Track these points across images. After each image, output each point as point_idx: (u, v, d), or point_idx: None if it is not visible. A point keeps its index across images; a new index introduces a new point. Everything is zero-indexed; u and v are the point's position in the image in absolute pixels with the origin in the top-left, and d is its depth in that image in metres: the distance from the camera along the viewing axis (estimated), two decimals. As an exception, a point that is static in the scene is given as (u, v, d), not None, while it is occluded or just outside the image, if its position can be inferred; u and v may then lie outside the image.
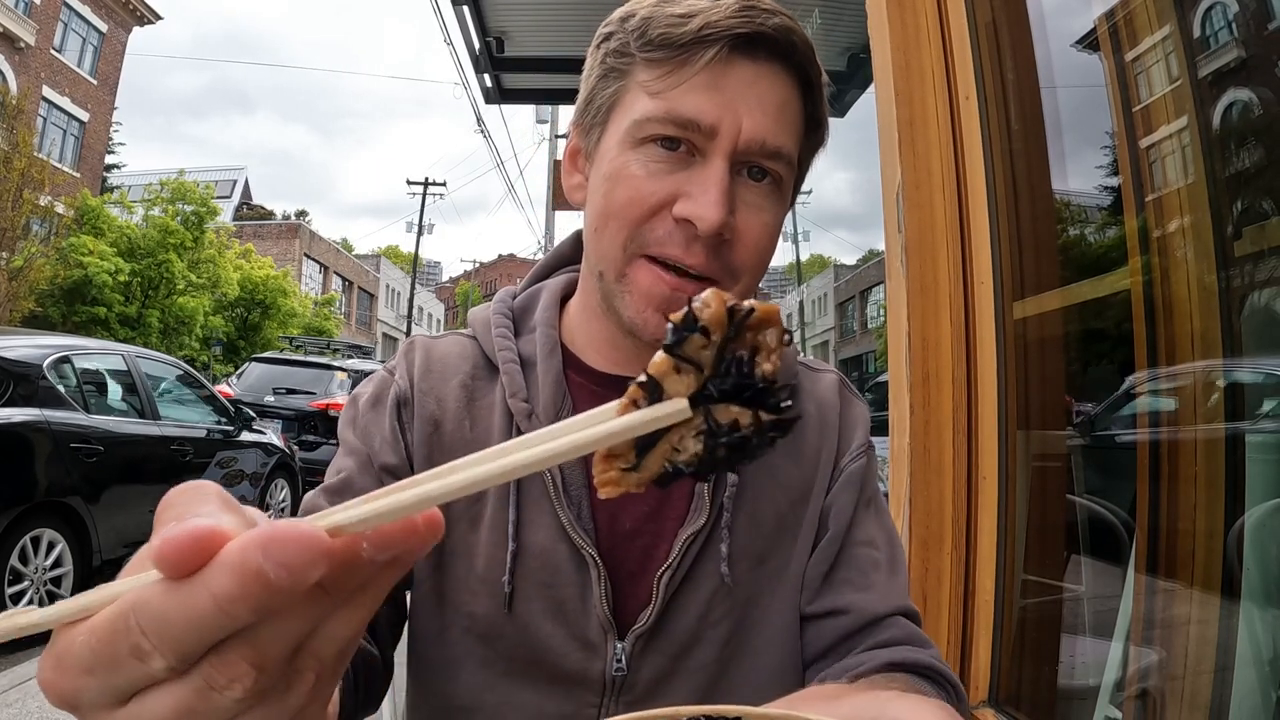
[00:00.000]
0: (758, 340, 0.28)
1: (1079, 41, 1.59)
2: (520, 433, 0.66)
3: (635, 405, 0.27)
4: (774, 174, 0.63)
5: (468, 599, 0.67)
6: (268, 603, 0.24)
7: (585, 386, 0.71)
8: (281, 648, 0.26)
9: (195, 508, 0.27)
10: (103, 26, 22.33)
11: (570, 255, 0.79)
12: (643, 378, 0.27)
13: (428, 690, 0.70)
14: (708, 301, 0.27)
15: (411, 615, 0.70)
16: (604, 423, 0.27)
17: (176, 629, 0.25)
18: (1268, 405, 1.26)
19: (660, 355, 0.27)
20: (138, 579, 0.26)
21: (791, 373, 0.75)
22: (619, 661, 0.65)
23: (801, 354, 0.82)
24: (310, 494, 0.70)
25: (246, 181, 41.55)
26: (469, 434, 0.69)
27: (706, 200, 0.59)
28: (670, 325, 0.27)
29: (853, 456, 0.74)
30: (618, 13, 0.65)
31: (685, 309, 0.28)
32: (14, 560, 3.79)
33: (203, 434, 5.57)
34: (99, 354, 4.99)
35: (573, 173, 0.70)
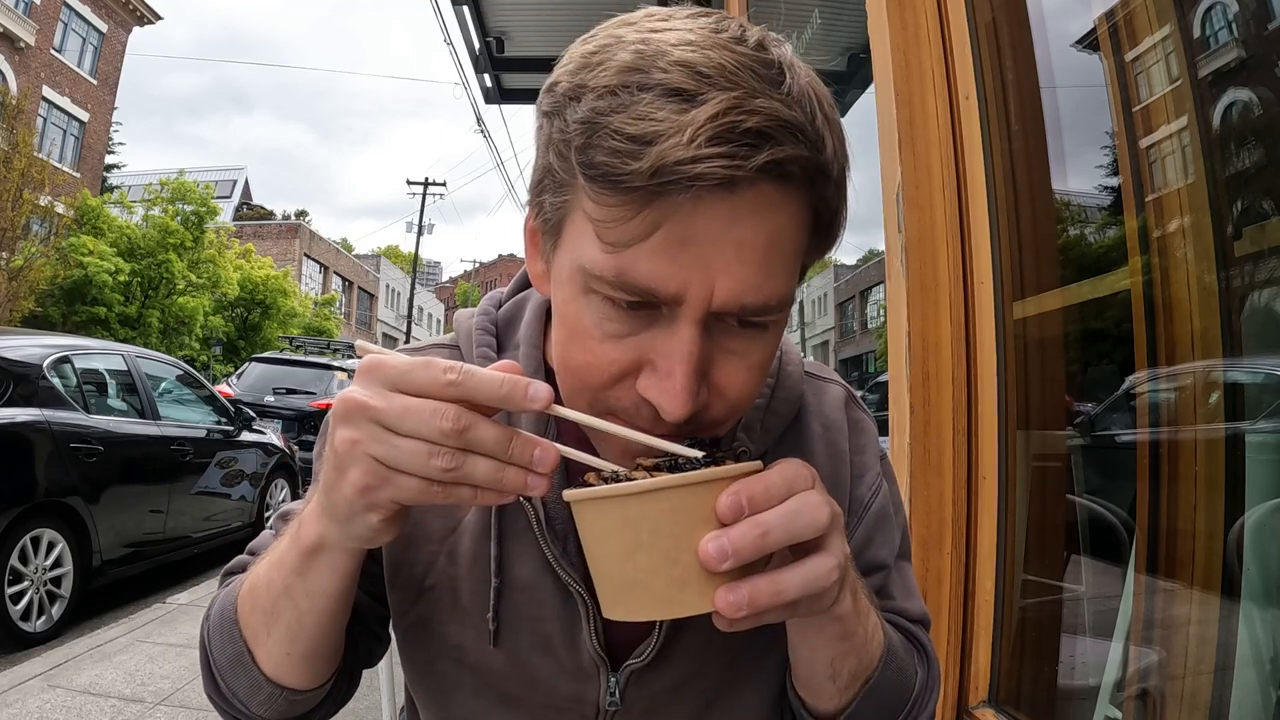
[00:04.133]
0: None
1: (1079, 41, 1.59)
2: None
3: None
4: (759, 324, 0.52)
5: (454, 631, 0.65)
6: (512, 396, 0.46)
7: None
8: (471, 437, 0.45)
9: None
10: (103, 26, 22.33)
11: None
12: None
13: (425, 715, 0.70)
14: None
15: (400, 644, 0.69)
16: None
17: (476, 375, 0.45)
18: (1268, 405, 1.26)
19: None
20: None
21: (796, 395, 0.71)
22: (613, 695, 0.64)
23: (807, 357, 0.79)
24: (266, 531, 0.72)
25: (246, 181, 41.55)
26: None
27: (671, 388, 0.49)
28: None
29: (873, 490, 0.72)
30: (564, 75, 0.50)
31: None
32: (14, 560, 3.79)
33: (203, 434, 5.57)
34: (99, 354, 4.99)
35: (535, 258, 0.59)
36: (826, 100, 0.49)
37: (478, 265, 76.74)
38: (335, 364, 9.83)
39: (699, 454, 0.48)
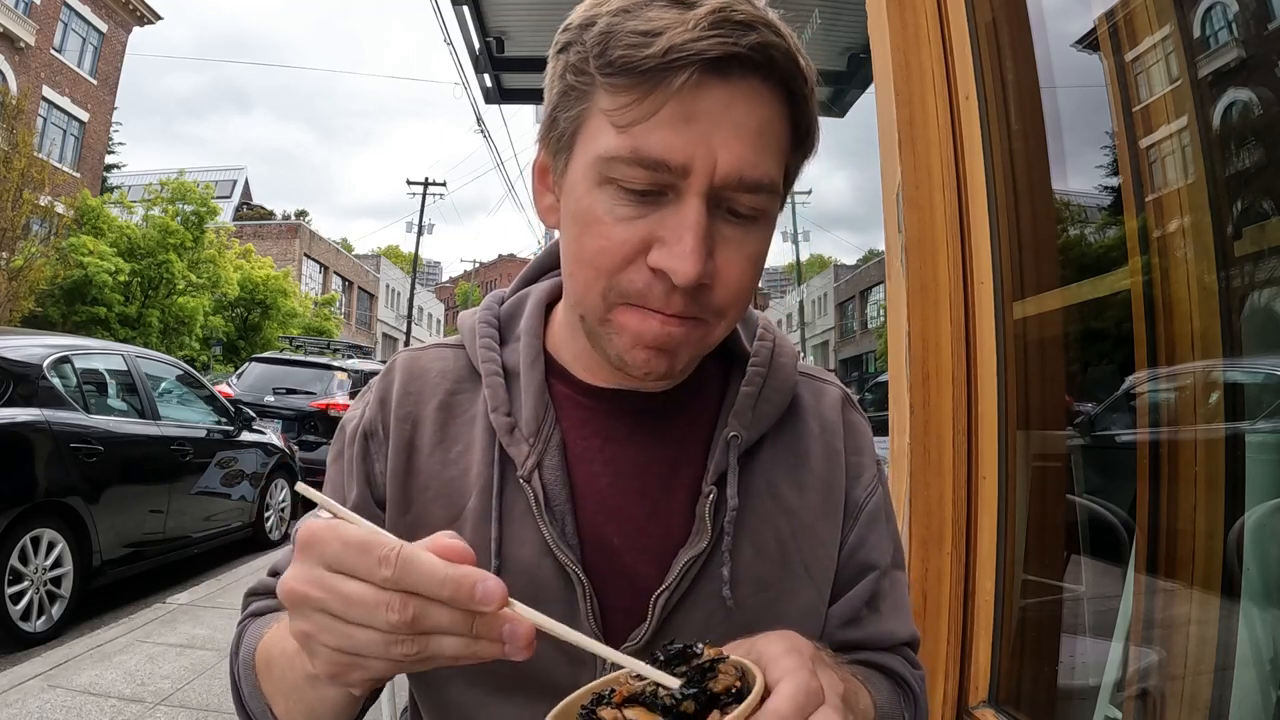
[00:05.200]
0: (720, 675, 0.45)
1: (1079, 41, 1.59)
2: (502, 449, 0.66)
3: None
4: (755, 210, 0.58)
5: None
6: (455, 598, 0.41)
7: (570, 398, 0.69)
8: (425, 625, 0.41)
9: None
10: (103, 26, 22.32)
11: (560, 257, 0.77)
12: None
13: (423, 704, 0.70)
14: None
15: None
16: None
17: (415, 570, 0.41)
18: (1268, 405, 1.26)
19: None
20: (415, 546, 0.42)
21: (788, 386, 0.73)
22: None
23: (804, 356, 0.80)
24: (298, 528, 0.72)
25: (246, 181, 41.54)
26: (446, 457, 0.68)
27: (682, 251, 0.55)
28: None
29: (868, 491, 0.73)
30: (577, 14, 0.59)
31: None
32: (14, 560, 3.79)
33: (203, 434, 5.56)
34: (99, 354, 4.98)
35: (544, 192, 0.66)
36: (796, 38, 0.58)
37: (478, 265, 76.80)
38: (335, 364, 9.82)
39: (677, 684, 0.44)
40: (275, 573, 0.72)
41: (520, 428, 0.67)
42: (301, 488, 0.49)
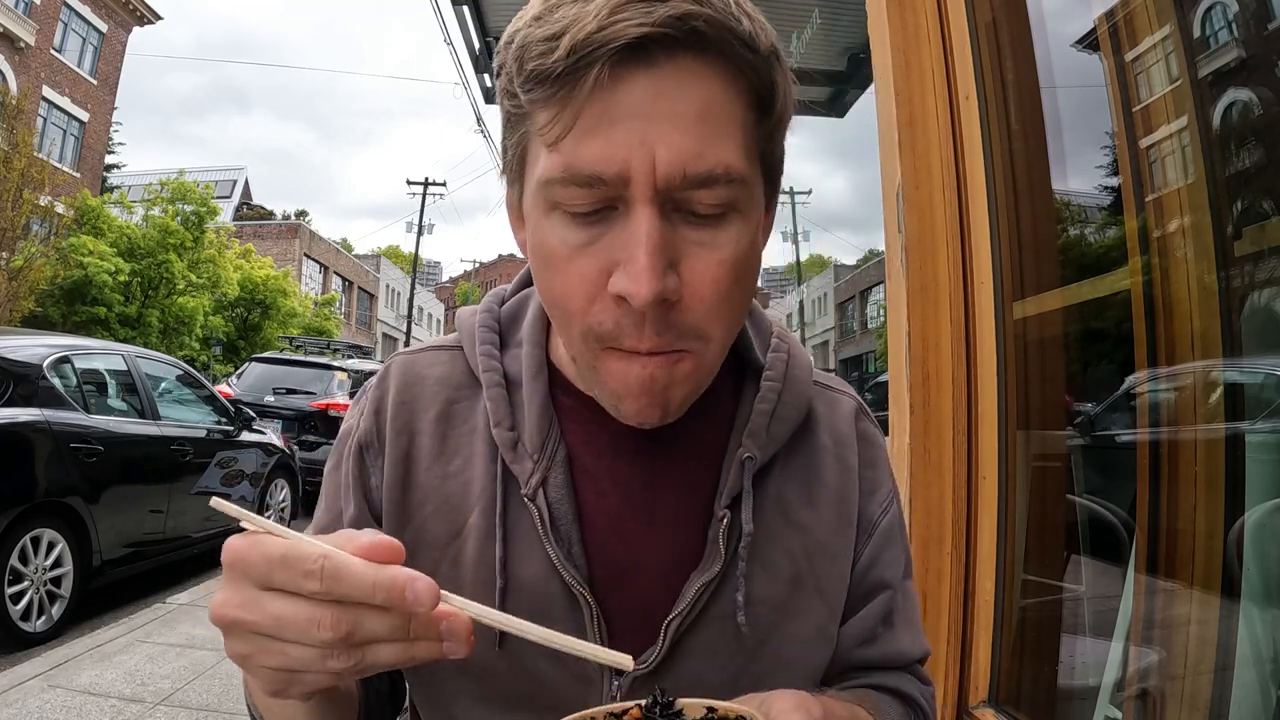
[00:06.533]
0: None
1: (1079, 41, 1.59)
2: (504, 464, 0.64)
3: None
4: (719, 205, 0.52)
5: None
6: (389, 603, 0.40)
7: (575, 411, 0.66)
8: (360, 636, 0.41)
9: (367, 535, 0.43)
10: (103, 26, 22.33)
11: None
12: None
13: (427, 718, 0.69)
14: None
15: None
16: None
17: (345, 580, 0.40)
18: (1268, 405, 1.26)
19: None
20: (333, 541, 0.42)
21: (804, 400, 0.70)
22: (614, 700, 0.62)
23: (830, 367, 0.77)
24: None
25: (246, 181, 41.54)
26: (446, 470, 0.66)
27: (634, 270, 0.50)
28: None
29: (883, 508, 0.71)
30: (506, 31, 0.54)
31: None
32: (14, 560, 3.79)
33: (203, 434, 5.56)
34: (99, 354, 4.99)
35: (518, 228, 0.62)
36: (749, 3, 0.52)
37: (478, 265, 76.77)
38: (335, 364, 9.82)
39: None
40: None
41: (524, 443, 0.64)
42: (216, 503, 0.46)
